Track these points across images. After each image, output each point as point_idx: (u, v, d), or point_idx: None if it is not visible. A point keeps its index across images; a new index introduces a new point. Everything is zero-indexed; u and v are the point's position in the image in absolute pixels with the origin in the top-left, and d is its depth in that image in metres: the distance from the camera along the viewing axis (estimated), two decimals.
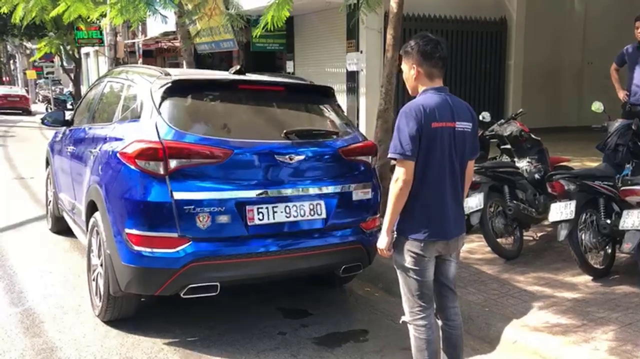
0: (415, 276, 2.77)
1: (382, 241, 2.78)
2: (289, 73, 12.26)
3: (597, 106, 5.51)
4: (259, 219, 3.56)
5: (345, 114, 10.26)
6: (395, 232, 2.78)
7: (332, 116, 4.24)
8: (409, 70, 2.78)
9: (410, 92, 2.84)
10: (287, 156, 3.64)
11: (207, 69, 12.67)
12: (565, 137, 10.14)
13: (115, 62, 17.48)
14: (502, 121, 6.29)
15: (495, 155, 6.34)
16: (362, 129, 10.33)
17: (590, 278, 4.53)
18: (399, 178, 2.64)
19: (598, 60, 11.78)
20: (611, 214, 4.58)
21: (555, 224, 4.66)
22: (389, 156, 2.71)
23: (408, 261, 2.76)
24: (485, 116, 6.44)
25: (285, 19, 4.88)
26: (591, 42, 12.21)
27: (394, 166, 2.71)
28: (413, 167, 2.65)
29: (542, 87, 11.73)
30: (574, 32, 12.21)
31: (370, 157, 4.11)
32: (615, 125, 5.19)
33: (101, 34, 18.75)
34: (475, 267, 4.90)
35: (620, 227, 4.28)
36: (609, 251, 4.63)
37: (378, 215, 4.18)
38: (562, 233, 4.49)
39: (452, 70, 10.85)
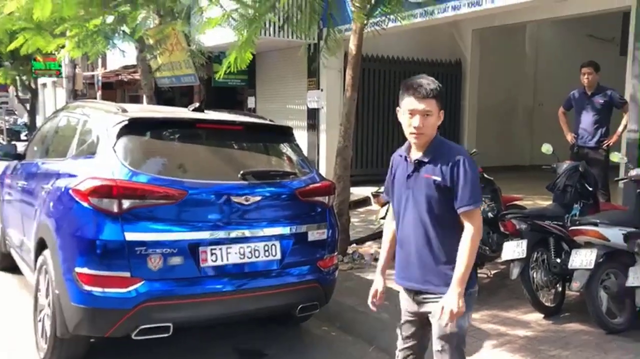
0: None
1: (458, 301, 2.46)
2: (250, 109, 12.33)
3: (546, 148, 5.71)
4: (212, 261, 3.53)
5: (306, 150, 10.53)
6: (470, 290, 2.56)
7: (290, 155, 4.28)
8: (438, 112, 2.59)
9: (428, 136, 2.59)
10: (243, 197, 3.64)
11: (167, 103, 12.67)
12: (518, 176, 10.44)
13: (74, 93, 17.22)
14: None
15: None
16: (322, 165, 10.43)
17: (542, 315, 4.63)
18: (480, 227, 2.52)
19: (548, 103, 12.28)
20: (561, 253, 4.72)
21: (508, 262, 4.78)
22: (470, 207, 2.50)
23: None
24: None
25: (248, 60, 4.94)
26: (541, 85, 12.73)
27: (357, 202, 2.80)
28: None
29: (496, 127, 12.12)
30: (525, 75, 12.72)
31: (327, 197, 4.14)
32: (563, 166, 5.38)
33: (59, 65, 18.50)
34: None
35: (569, 266, 4.41)
36: (560, 289, 4.75)
37: (335, 253, 4.21)
38: (515, 271, 4.59)
39: None
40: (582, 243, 4.46)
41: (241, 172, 3.75)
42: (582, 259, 4.32)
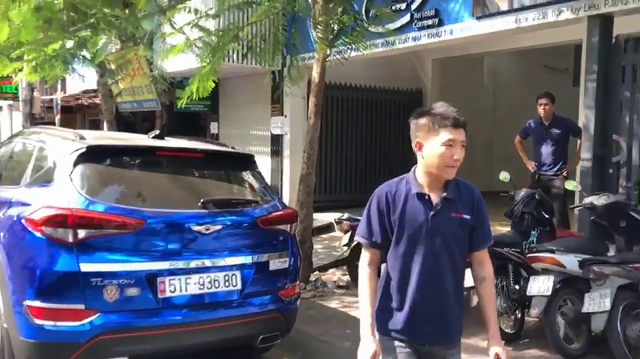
0: None
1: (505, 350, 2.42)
2: (213, 134, 12.25)
3: (504, 176, 5.83)
4: (171, 291, 3.46)
5: (269, 176, 10.51)
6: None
7: (252, 183, 4.25)
8: None
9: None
10: (203, 226, 3.60)
11: (128, 128, 12.48)
12: None
13: (31, 117, 16.80)
14: None
15: None
16: (286, 191, 10.41)
17: (502, 342, 4.66)
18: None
19: (506, 131, 12.60)
20: (520, 279, 4.80)
21: (468, 289, 4.82)
22: (491, 242, 2.50)
23: None
24: None
25: (210, 89, 4.93)
26: (500, 113, 13.07)
27: (320, 229, 2.71)
28: None
29: None
30: (484, 103, 13.04)
31: (289, 225, 4.12)
32: (521, 194, 5.50)
33: (16, 89, 18.06)
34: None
35: (527, 293, 4.48)
36: (519, 315, 4.81)
37: (297, 282, 4.18)
38: (474, 299, 4.63)
39: (371, 138, 11.23)
40: (539, 270, 4.54)
41: (201, 200, 3.70)
42: (540, 285, 4.39)
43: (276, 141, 10.66)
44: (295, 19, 7.16)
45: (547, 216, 5.39)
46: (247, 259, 3.79)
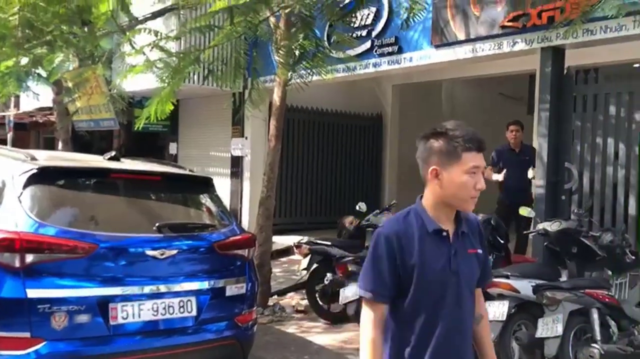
0: None
1: None
2: (172, 155, 12.09)
3: None
4: (123, 318, 3.35)
5: (229, 198, 10.40)
6: None
7: (210, 206, 4.19)
8: None
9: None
10: (157, 251, 3.51)
11: (85, 147, 12.19)
12: None
13: None
14: (377, 211, 6.61)
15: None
16: (245, 213, 10.32)
17: None
18: None
19: None
20: None
21: None
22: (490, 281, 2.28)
23: None
24: (362, 206, 6.74)
25: (169, 111, 4.88)
26: None
27: (279, 252, 2.59)
28: None
29: (415, 178, 12.42)
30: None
31: (247, 249, 4.06)
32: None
33: None
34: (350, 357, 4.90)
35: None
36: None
37: (254, 308, 4.11)
38: None
39: (331, 161, 11.29)
40: (495, 295, 4.60)
41: (157, 224, 3.62)
42: (495, 310, 4.45)
43: (236, 163, 10.60)
44: (257, 43, 7.19)
45: (502, 241, 5.49)
46: (203, 285, 3.72)
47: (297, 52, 6.38)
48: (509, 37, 6.55)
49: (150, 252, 3.49)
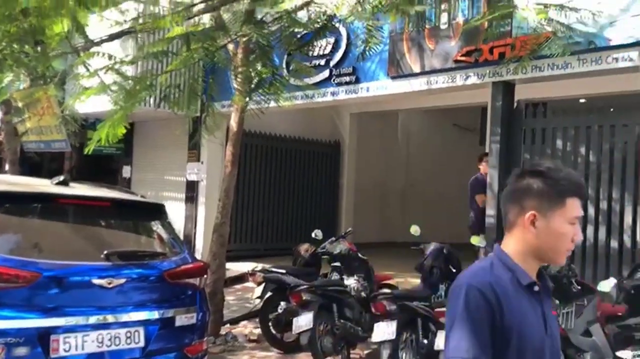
0: None
1: None
2: (125, 178, 11.84)
3: (414, 229, 6.00)
4: (65, 350, 3.22)
5: (183, 223, 10.21)
6: None
7: (161, 234, 4.11)
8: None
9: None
10: (105, 280, 3.41)
11: (34, 169, 11.81)
12: (392, 253, 10.81)
13: None
14: (333, 238, 6.61)
15: (326, 271, 6.57)
16: (200, 239, 10.15)
17: None
18: None
19: (419, 184, 13.11)
20: (428, 334, 4.87)
21: (379, 343, 4.84)
22: None
23: None
24: (318, 233, 6.73)
25: (121, 135, 4.78)
26: (413, 167, 13.58)
27: (233, 279, 2.52)
28: None
29: (372, 205, 12.63)
30: (398, 157, 13.52)
31: (198, 278, 3.99)
32: (430, 248, 5.68)
33: None
34: None
35: (435, 348, 4.55)
36: None
37: (205, 338, 4.02)
38: (385, 353, 4.66)
39: (289, 187, 11.29)
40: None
41: (105, 252, 3.52)
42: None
43: (192, 188, 10.46)
44: (215, 68, 7.18)
45: (454, 270, 5.57)
46: (151, 315, 3.62)
47: (255, 79, 6.41)
48: (462, 71, 6.75)
49: (97, 281, 3.38)
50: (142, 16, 6.94)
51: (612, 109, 6.45)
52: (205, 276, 4.14)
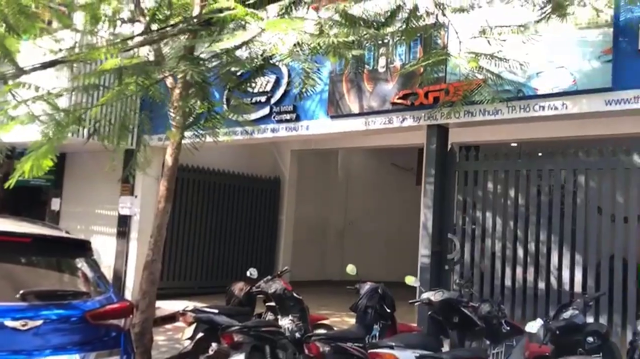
0: None
1: None
2: (53, 211, 11.32)
3: (350, 269, 5.99)
4: None
5: (113, 259, 9.79)
6: None
7: (85, 272, 3.91)
8: None
9: None
10: (19, 321, 3.19)
11: None
12: (329, 291, 10.76)
13: None
14: (269, 277, 6.49)
15: (261, 311, 6.43)
16: (130, 277, 9.77)
17: None
18: None
19: (358, 222, 13.21)
20: None
21: None
22: None
23: None
24: (253, 272, 6.60)
25: (47, 168, 4.55)
26: (352, 206, 13.70)
27: (164, 318, 2.46)
28: None
29: (311, 242, 12.60)
30: (337, 195, 13.62)
31: (124, 319, 3.80)
32: (365, 287, 5.66)
33: None
34: None
35: None
36: None
37: None
38: None
39: (226, 223, 11.09)
40: None
41: (21, 292, 3.31)
42: None
43: (124, 222, 10.10)
44: (152, 101, 7.05)
45: (388, 310, 5.57)
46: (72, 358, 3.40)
47: (191, 115, 6.33)
48: (398, 113, 6.92)
49: (10, 323, 3.17)
50: (79, 46, 6.79)
51: (540, 154, 6.76)
52: (131, 316, 3.95)
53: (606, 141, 7.05)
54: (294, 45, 4.45)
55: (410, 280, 5.82)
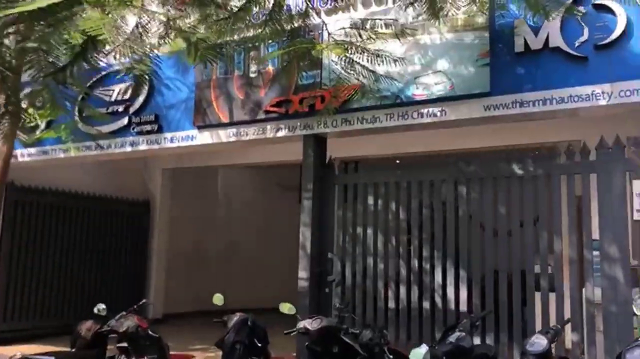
0: None
1: None
2: None
3: (218, 298, 5.28)
4: None
5: None
6: None
7: None
8: None
9: None
10: None
11: None
12: (207, 322, 9.85)
13: None
14: (123, 313, 5.55)
15: (113, 354, 5.47)
16: None
17: None
18: None
19: (241, 244, 12.41)
20: None
21: None
22: None
23: None
24: (101, 308, 5.60)
25: None
26: (235, 227, 12.85)
27: None
28: None
29: (187, 270, 11.58)
30: (218, 217, 12.71)
31: None
32: (233, 319, 4.94)
33: None
34: None
35: None
36: None
37: None
38: None
39: (84, 254, 9.66)
40: None
41: None
42: None
43: None
44: None
45: (259, 344, 4.87)
46: None
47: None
48: (272, 123, 6.34)
49: None
50: None
51: (420, 165, 6.43)
52: None
53: (485, 153, 6.92)
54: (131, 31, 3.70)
55: (285, 308, 5.15)
